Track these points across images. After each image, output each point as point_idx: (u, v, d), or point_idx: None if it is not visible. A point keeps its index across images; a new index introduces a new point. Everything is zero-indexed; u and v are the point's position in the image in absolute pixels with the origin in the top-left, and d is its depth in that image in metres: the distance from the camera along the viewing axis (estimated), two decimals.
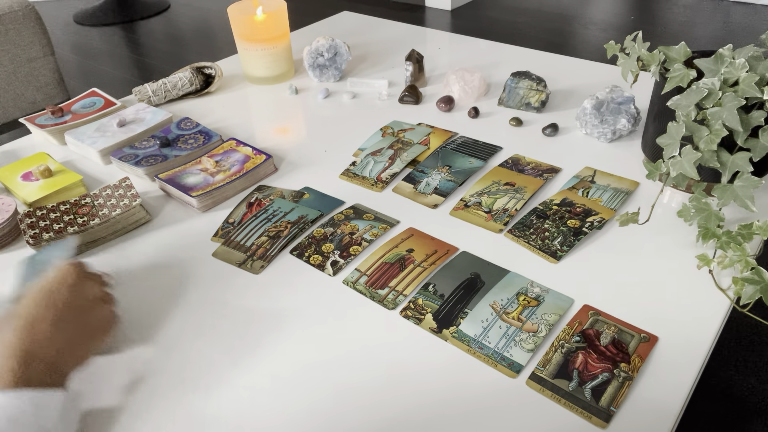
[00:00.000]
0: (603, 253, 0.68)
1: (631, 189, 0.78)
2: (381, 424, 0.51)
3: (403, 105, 1.03)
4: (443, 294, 0.63)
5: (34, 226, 0.73)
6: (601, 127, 0.87)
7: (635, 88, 0.96)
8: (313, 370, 0.56)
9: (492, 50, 1.22)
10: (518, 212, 0.75)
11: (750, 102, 0.63)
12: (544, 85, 0.97)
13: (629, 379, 0.53)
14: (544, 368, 0.55)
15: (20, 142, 0.99)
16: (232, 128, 0.99)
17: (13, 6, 1.59)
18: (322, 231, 0.73)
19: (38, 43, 1.66)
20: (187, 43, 2.78)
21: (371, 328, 0.60)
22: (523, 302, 0.62)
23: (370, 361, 0.56)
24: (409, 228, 0.73)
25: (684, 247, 0.68)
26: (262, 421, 0.52)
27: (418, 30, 1.37)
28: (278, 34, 1.10)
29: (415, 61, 1.06)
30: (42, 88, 1.72)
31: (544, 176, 0.81)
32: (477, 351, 0.57)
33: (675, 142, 0.65)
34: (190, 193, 0.78)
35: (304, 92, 1.10)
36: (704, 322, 0.58)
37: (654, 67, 0.71)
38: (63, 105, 1.02)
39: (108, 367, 0.57)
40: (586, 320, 0.59)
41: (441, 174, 0.83)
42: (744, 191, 0.63)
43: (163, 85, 1.06)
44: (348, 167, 0.86)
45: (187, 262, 0.70)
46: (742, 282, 0.56)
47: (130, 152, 0.89)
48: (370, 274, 0.67)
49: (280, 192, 0.81)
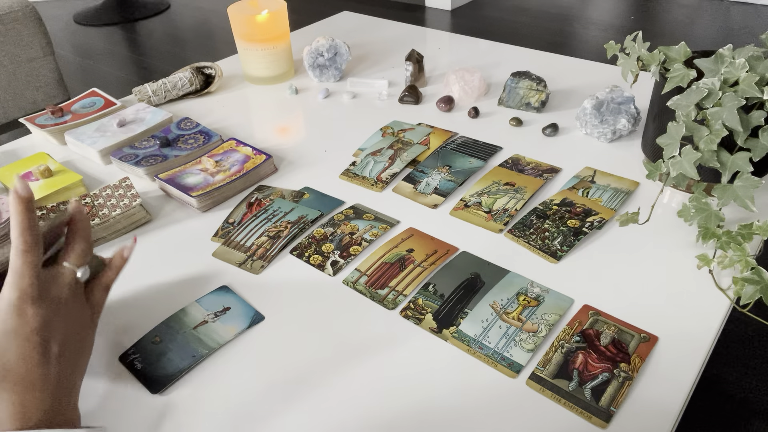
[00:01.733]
0: (603, 253, 0.68)
1: (631, 189, 0.78)
2: (381, 424, 0.51)
3: (403, 105, 1.03)
4: (443, 294, 0.63)
5: None
6: (601, 127, 0.87)
7: (635, 88, 0.96)
8: (312, 370, 0.56)
9: (492, 50, 1.22)
10: (518, 212, 0.75)
11: (750, 102, 0.63)
12: (544, 85, 0.97)
13: (629, 379, 0.53)
14: (544, 368, 0.55)
15: (20, 142, 0.99)
16: (232, 128, 0.99)
17: (13, 6, 1.59)
18: (322, 231, 0.73)
19: (38, 43, 1.66)
20: (187, 43, 2.78)
21: (371, 328, 0.60)
22: (523, 302, 0.62)
23: (369, 361, 0.56)
24: (409, 228, 0.73)
25: (684, 247, 0.68)
26: (260, 420, 0.52)
27: (418, 30, 1.37)
28: (278, 34, 1.10)
29: (415, 61, 1.06)
30: (42, 88, 1.72)
31: (544, 176, 0.81)
32: (477, 351, 0.57)
33: (675, 142, 0.65)
34: (190, 193, 0.78)
35: (304, 92, 1.11)
36: (704, 322, 0.58)
37: (654, 67, 0.71)
38: (63, 105, 1.02)
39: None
40: (586, 320, 0.59)
41: (441, 174, 0.83)
42: (744, 191, 0.63)
43: (163, 85, 1.06)
44: (348, 167, 0.86)
45: (187, 262, 0.70)
46: (742, 282, 0.56)
47: (130, 152, 0.89)
48: (370, 274, 0.67)
49: (280, 192, 0.81)
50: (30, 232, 0.46)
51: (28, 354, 0.45)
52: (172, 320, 0.62)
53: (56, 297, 0.48)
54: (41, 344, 0.45)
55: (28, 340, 0.45)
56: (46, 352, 0.45)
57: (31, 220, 0.46)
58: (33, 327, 0.45)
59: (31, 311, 0.45)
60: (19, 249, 0.46)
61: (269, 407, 0.53)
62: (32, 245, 0.46)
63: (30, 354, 0.45)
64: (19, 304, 0.45)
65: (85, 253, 0.51)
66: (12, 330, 0.45)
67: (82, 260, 0.51)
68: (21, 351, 0.44)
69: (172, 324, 0.61)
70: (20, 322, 0.45)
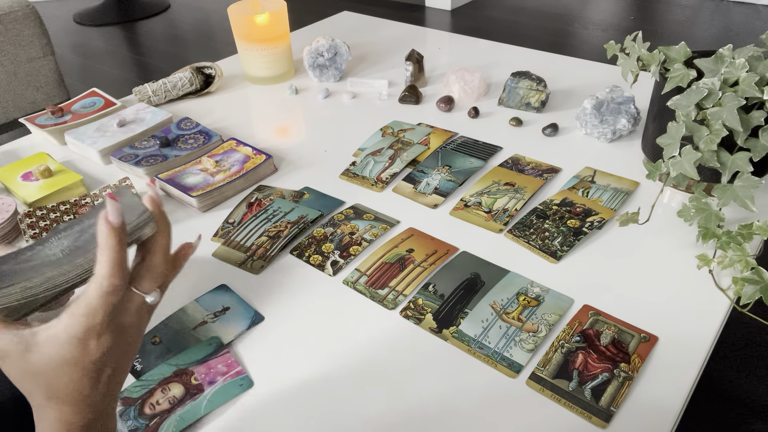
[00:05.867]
0: (603, 253, 0.68)
1: (631, 189, 0.78)
2: (381, 424, 0.51)
3: (403, 105, 1.03)
4: (443, 294, 0.63)
5: (34, 226, 0.73)
6: (601, 127, 0.87)
7: (635, 88, 0.96)
8: (312, 370, 0.56)
9: (492, 50, 1.22)
10: (518, 212, 0.75)
11: (750, 102, 0.62)
12: (544, 85, 0.97)
13: (629, 379, 0.53)
14: (544, 368, 0.55)
15: (20, 142, 0.99)
16: (232, 128, 0.99)
17: (13, 6, 1.59)
18: (322, 231, 0.73)
19: (38, 43, 1.66)
20: (187, 43, 2.78)
21: (371, 328, 0.60)
22: (523, 302, 0.62)
23: (369, 361, 0.56)
24: (409, 228, 0.73)
25: (684, 247, 0.68)
26: (260, 421, 0.52)
27: (418, 30, 1.37)
28: (278, 34, 1.10)
29: (415, 61, 1.06)
30: (42, 88, 1.72)
31: (544, 176, 0.81)
32: (477, 351, 0.57)
33: (675, 142, 0.65)
34: (190, 193, 0.78)
35: (304, 92, 1.10)
36: (704, 322, 0.58)
37: (654, 67, 0.71)
38: (63, 105, 1.02)
39: None
40: (586, 320, 0.59)
41: (441, 174, 0.83)
42: (744, 191, 0.63)
43: (163, 85, 1.06)
44: (348, 167, 0.86)
45: (187, 262, 0.70)
46: (742, 282, 0.56)
47: (130, 152, 0.89)
48: (370, 274, 0.67)
49: (280, 192, 0.81)
50: (120, 275, 0.40)
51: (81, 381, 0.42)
52: (171, 320, 0.62)
53: (121, 324, 0.43)
54: (96, 371, 0.43)
55: (85, 368, 0.42)
56: (99, 377, 0.43)
57: (122, 257, 0.40)
58: (93, 359, 0.42)
59: (94, 344, 0.42)
60: (104, 290, 0.40)
61: (269, 407, 0.53)
62: (118, 288, 0.40)
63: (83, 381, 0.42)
64: (84, 338, 0.41)
65: (160, 277, 0.45)
66: (71, 360, 0.41)
67: (155, 286, 0.45)
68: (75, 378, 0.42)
69: (172, 324, 0.61)
70: (81, 354, 0.42)
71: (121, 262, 0.40)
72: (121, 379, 0.46)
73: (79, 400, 0.43)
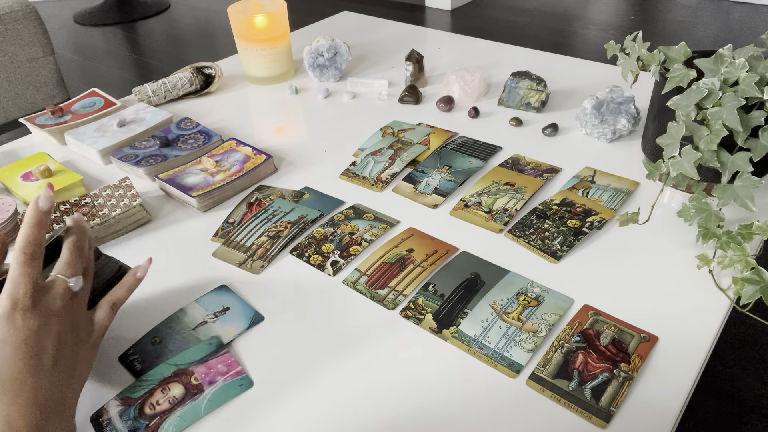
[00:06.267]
0: (603, 253, 0.68)
1: (631, 189, 0.78)
2: (381, 424, 0.51)
3: (403, 105, 1.03)
4: (443, 294, 0.63)
5: None
6: (601, 127, 0.87)
7: (635, 88, 0.96)
8: (312, 371, 0.56)
9: (492, 50, 1.22)
10: (518, 212, 0.75)
11: (750, 102, 0.63)
12: (544, 85, 0.97)
13: (629, 379, 0.53)
14: (544, 368, 0.55)
15: (20, 142, 0.99)
16: (232, 128, 0.99)
17: (13, 6, 1.59)
18: (322, 231, 0.73)
19: (38, 43, 1.66)
20: (187, 43, 2.78)
21: (371, 328, 0.60)
22: (523, 302, 0.62)
23: (369, 361, 0.56)
24: (409, 228, 0.73)
25: (684, 247, 0.68)
26: (260, 421, 0.52)
27: (418, 30, 1.37)
28: (278, 34, 1.10)
29: (415, 61, 1.06)
30: (42, 88, 1.72)
31: (544, 176, 0.81)
32: (477, 351, 0.57)
33: (675, 142, 0.65)
34: (190, 193, 0.78)
35: (304, 92, 1.11)
36: (704, 322, 0.58)
37: (654, 67, 0.71)
38: (63, 105, 1.02)
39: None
40: (586, 320, 0.59)
41: (441, 174, 0.83)
42: (744, 191, 0.63)
43: (163, 85, 1.06)
44: (348, 167, 0.86)
45: (187, 262, 0.70)
46: (742, 282, 0.56)
47: (130, 152, 0.89)
48: (370, 274, 0.67)
49: (280, 192, 0.81)
50: (33, 246, 0.47)
51: (16, 363, 0.44)
52: (171, 320, 0.62)
53: (48, 308, 0.47)
54: (30, 354, 0.45)
55: (18, 349, 0.44)
56: (36, 363, 0.45)
57: (38, 234, 0.48)
58: (23, 336, 0.45)
59: (21, 320, 0.45)
60: (20, 260, 0.47)
61: (269, 407, 0.53)
62: (32, 258, 0.47)
63: (19, 363, 0.44)
64: (11, 314, 0.45)
65: (77, 263, 0.51)
66: (2, 339, 0.44)
67: (74, 270, 0.51)
68: (10, 360, 0.44)
69: (172, 324, 0.61)
70: (11, 331, 0.45)
71: (35, 238, 0.47)
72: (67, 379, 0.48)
73: (17, 391, 0.44)
